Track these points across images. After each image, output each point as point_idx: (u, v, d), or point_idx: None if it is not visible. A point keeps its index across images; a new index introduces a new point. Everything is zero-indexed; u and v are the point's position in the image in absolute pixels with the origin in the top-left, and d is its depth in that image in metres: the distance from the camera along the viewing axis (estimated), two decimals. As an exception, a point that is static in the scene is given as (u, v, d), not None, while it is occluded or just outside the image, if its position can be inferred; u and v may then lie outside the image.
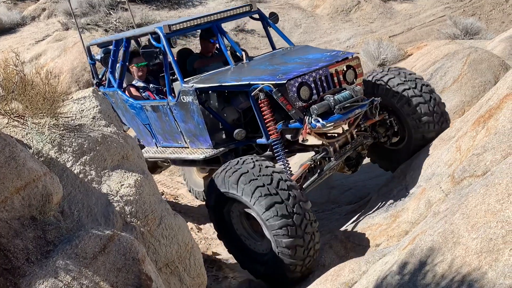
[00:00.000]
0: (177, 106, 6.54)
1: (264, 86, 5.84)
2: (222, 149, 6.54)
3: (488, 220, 3.41)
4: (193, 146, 6.80)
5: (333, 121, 5.74)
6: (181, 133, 6.83)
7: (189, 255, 4.81)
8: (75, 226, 3.79)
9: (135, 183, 4.47)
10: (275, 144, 6.00)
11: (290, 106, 5.78)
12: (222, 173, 5.65)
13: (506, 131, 4.91)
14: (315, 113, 5.70)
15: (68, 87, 13.17)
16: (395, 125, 6.61)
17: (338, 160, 6.15)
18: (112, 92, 7.52)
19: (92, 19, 15.28)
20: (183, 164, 7.61)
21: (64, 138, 4.27)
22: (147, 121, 7.21)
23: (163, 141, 7.25)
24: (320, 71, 6.01)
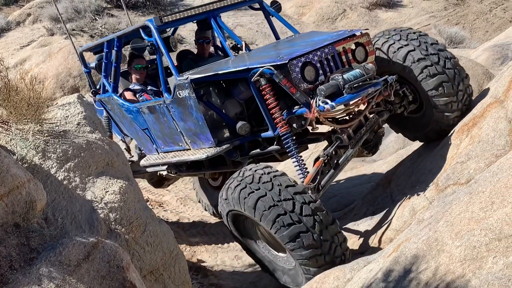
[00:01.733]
0: (173, 103, 5.99)
1: (264, 70, 5.27)
2: (225, 146, 5.93)
3: (471, 228, 3.43)
4: (194, 147, 6.26)
5: (343, 101, 5.18)
6: (181, 134, 6.29)
7: (174, 263, 4.80)
8: (59, 233, 3.76)
9: (119, 190, 4.45)
10: (285, 137, 5.42)
11: (294, 89, 5.21)
12: (236, 189, 5.11)
13: (489, 140, 4.95)
14: (322, 95, 5.11)
15: (53, 92, 13.11)
16: (409, 94, 5.87)
17: (354, 147, 5.51)
18: (107, 98, 7.07)
19: (78, 24, 15.23)
20: (189, 171, 7.05)
21: (48, 144, 4.25)
22: (145, 125, 6.72)
23: (163, 145, 6.74)
24: (325, 49, 5.39)
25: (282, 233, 4.80)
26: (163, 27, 6.23)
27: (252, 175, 5.05)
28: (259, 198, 4.88)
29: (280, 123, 5.39)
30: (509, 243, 3.15)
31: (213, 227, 8.39)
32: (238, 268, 6.98)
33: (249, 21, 16.88)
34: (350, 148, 5.47)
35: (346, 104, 5.32)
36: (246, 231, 5.55)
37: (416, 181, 5.79)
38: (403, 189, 5.96)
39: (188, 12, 6.31)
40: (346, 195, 7.84)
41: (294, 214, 4.78)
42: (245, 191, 4.97)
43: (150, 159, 6.96)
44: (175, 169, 6.97)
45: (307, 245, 4.78)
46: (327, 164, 5.43)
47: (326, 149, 5.51)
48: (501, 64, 11.10)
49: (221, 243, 7.82)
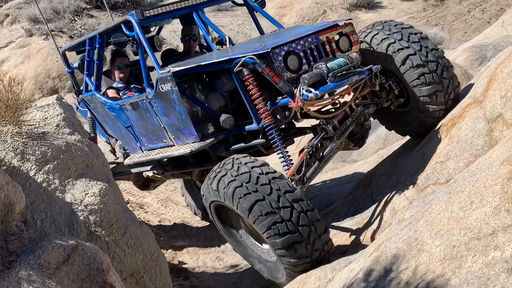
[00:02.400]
0: (156, 97, 5.88)
1: (246, 59, 5.19)
2: (209, 141, 5.78)
3: (451, 227, 3.46)
4: (178, 142, 6.12)
5: (327, 90, 5.10)
6: (164, 130, 6.16)
7: (154, 265, 4.78)
8: (38, 236, 3.72)
9: (99, 191, 4.42)
10: (269, 128, 5.33)
11: (278, 78, 5.13)
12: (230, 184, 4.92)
13: (468, 140, 5.00)
14: (306, 83, 5.04)
15: (32, 94, 12.99)
16: (395, 88, 5.82)
17: (340, 138, 5.45)
18: (90, 96, 6.95)
19: (57, 25, 15.11)
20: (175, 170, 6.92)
21: (27, 146, 4.21)
22: (128, 122, 6.60)
23: (147, 143, 6.60)
24: (309, 38, 5.34)
25: (275, 240, 4.71)
26: (145, 22, 6.11)
27: (249, 173, 4.86)
28: (257, 201, 4.72)
29: (264, 114, 5.32)
30: (488, 242, 3.17)
31: (194, 229, 8.37)
32: (220, 270, 6.97)
33: (229, 22, 16.86)
34: (335, 139, 5.40)
35: (331, 93, 5.23)
36: (228, 220, 5.43)
37: (396, 181, 5.83)
38: (384, 189, 5.98)
39: (171, 6, 6.20)
40: (327, 196, 7.86)
41: (291, 223, 4.69)
42: (241, 191, 4.79)
43: (134, 158, 6.85)
44: (160, 169, 6.89)
45: (298, 254, 4.75)
46: (312, 156, 5.36)
47: (311, 140, 5.42)
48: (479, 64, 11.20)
49: (203, 244, 7.80)
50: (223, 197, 4.90)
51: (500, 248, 3.08)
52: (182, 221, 8.61)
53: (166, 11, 6.15)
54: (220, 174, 4.95)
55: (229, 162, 5.02)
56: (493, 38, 11.69)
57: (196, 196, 8.28)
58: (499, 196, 3.37)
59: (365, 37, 5.87)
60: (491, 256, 3.10)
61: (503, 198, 3.33)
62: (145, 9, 6.04)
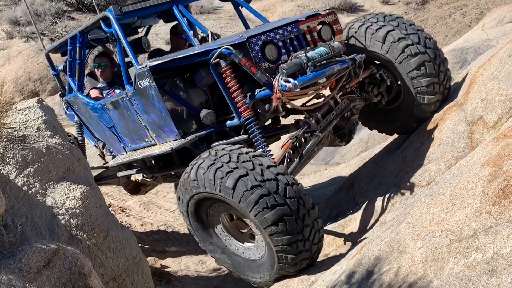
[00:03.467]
0: (136, 95, 5.67)
1: (222, 50, 5.00)
2: (190, 138, 5.52)
3: (433, 229, 3.47)
4: (160, 141, 5.89)
5: (306, 80, 4.86)
6: (146, 128, 5.95)
7: (136, 268, 4.75)
8: (18, 240, 3.69)
9: (81, 195, 4.39)
10: (248, 122, 5.12)
11: (255, 69, 4.92)
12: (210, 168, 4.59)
13: (449, 142, 5.03)
14: (284, 73, 4.83)
15: (12, 97, 12.87)
16: (387, 78, 5.62)
17: (323, 132, 5.23)
18: (73, 97, 6.77)
19: (38, 27, 14.99)
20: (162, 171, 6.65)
21: (7, 150, 4.17)
22: (111, 122, 6.41)
23: (130, 143, 6.38)
24: (288, 28, 5.17)
25: (264, 215, 4.35)
26: (124, 18, 5.95)
27: (228, 154, 4.61)
28: (240, 177, 4.41)
29: (243, 107, 5.12)
30: (469, 244, 3.19)
31: (177, 233, 8.34)
32: (202, 273, 6.95)
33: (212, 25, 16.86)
34: (318, 133, 5.19)
35: (313, 83, 4.98)
36: (207, 219, 5.08)
37: (378, 183, 5.85)
38: (366, 192, 6.01)
39: (150, 2, 6.04)
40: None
41: (278, 195, 4.36)
42: (222, 170, 4.49)
43: (118, 159, 6.67)
44: (147, 171, 6.75)
45: (290, 229, 4.37)
46: (295, 151, 5.18)
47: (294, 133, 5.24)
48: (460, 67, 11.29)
49: (185, 247, 7.77)
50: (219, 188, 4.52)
51: (481, 249, 3.10)
52: (165, 224, 8.57)
53: (145, 7, 6.02)
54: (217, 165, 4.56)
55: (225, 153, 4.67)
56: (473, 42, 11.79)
57: None
58: (480, 198, 3.40)
59: (359, 27, 5.68)
60: (472, 258, 3.12)
61: (484, 200, 3.36)
62: (124, 4, 5.93)
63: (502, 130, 4.28)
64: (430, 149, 5.18)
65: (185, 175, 4.79)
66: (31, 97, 11.82)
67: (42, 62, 13.82)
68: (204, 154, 4.77)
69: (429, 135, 5.40)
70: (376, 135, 7.87)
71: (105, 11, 5.95)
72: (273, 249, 4.52)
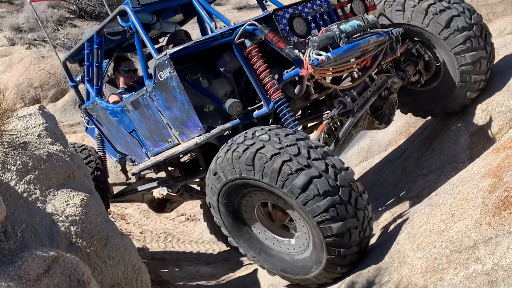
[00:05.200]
0: (156, 89, 5.29)
1: (246, 27, 4.62)
2: (215, 131, 5.06)
3: (433, 240, 3.47)
4: (183, 138, 5.43)
5: (341, 52, 4.45)
6: (168, 126, 5.52)
7: (136, 276, 4.74)
8: (18, 247, 3.68)
9: (81, 202, 4.38)
10: (279, 104, 4.69)
11: (283, 44, 4.54)
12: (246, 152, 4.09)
13: (450, 153, 5.04)
14: (316, 46, 4.41)
15: (13, 103, 12.90)
16: (424, 53, 5.17)
17: (360, 111, 4.79)
18: (92, 104, 6.37)
19: (40, 34, 15.04)
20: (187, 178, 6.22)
21: (8, 156, 4.17)
22: (131, 126, 6.00)
23: (152, 146, 5.94)
24: (317, 1, 4.82)
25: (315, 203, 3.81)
26: (142, 10, 5.64)
27: (268, 135, 4.08)
28: (284, 162, 3.89)
29: (272, 88, 4.68)
30: (469, 254, 3.19)
31: (176, 240, 8.33)
32: (202, 281, 6.94)
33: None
34: (355, 113, 4.76)
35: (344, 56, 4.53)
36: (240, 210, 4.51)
37: (378, 193, 5.85)
38: (366, 201, 6.00)
39: None
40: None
41: (330, 180, 3.84)
42: (265, 153, 3.96)
43: (140, 165, 6.25)
44: (172, 180, 6.32)
45: (341, 216, 3.83)
46: (330, 135, 4.76)
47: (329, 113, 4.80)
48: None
49: (185, 256, 7.77)
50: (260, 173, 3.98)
51: (481, 260, 3.10)
52: (164, 232, 8.57)
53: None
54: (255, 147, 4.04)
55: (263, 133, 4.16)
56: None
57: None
58: (480, 209, 3.40)
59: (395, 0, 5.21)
60: (472, 269, 3.11)
61: (484, 211, 3.36)
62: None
63: (503, 141, 4.28)
64: (431, 159, 5.18)
65: (218, 160, 4.29)
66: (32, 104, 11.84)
67: (44, 69, 13.85)
68: (237, 138, 4.25)
69: (429, 145, 5.41)
70: (377, 144, 7.87)
71: (121, 5, 5.67)
72: (322, 242, 3.94)
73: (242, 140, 4.15)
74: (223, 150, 4.25)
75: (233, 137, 4.31)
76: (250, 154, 4.01)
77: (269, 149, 3.95)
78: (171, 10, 6.28)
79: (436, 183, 4.87)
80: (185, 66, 5.22)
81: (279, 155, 3.90)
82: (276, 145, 3.96)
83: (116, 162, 6.98)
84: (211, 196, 4.47)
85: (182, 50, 5.00)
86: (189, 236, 8.47)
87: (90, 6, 16.90)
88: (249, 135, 4.16)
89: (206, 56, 5.20)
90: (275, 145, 3.96)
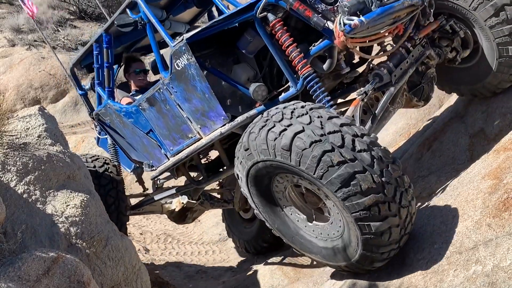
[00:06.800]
0: (173, 80, 4.92)
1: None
2: (240, 119, 4.70)
3: (433, 241, 3.47)
4: (206, 131, 5.03)
5: (374, 16, 4.03)
6: (188, 120, 5.12)
7: (136, 277, 4.73)
8: (18, 248, 3.68)
9: (81, 203, 4.38)
10: (309, 79, 4.28)
11: (310, 12, 4.18)
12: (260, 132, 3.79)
13: (450, 154, 5.04)
14: (346, 12, 4.00)
15: (13, 104, 12.91)
16: (459, 30, 4.74)
17: (398, 83, 4.37)
18: (104, 108, 5.96)
19: (40, 36, 15.04)
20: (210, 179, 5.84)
21: (8, 157, 4.17)
22: (148, 126, 5.61)
23: (172, 145, 5.51)
24: None
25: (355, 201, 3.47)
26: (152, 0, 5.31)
27: (309, 117, 3.70)
28: (325, 152, 3.50)
29: (300, 63, 4.29)
30: (469, 256, 3.19)
31: (176, 242, 8.33)
32: (202, 282, 6.94)
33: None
34: (393, 85, 4.35)
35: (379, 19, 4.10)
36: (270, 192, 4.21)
37: (378, 194, 5.84)
38: (366, 203, 6.00)
39: None
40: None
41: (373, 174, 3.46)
42: (304, 138, 3.58)
43: (160, 167, 5.81)
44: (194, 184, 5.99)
45: (383, 215, 3.48)
46: (367, 112, 4.37)
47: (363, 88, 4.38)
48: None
49: (184, 257, 7.77)
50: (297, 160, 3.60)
51: (481, 262, 3.10)
52: (164, 233, 8.57)
53: None
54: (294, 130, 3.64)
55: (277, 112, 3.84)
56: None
57: (240, 227, 7.46)
58: (480, 210, 3.40)
59: None
60: (472, 270, 3.12)
61: (484, 212, 3.36)
62: None
63: (503, 142, 4.29)
64: (431, 160, 5.18)
65: (250, 135, 3.92)
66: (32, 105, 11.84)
67: (44, 70, 13.86)
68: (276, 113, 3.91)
69: (429, 146, 5.40)
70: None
71: None
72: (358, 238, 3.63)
73: (279, 119, 3.76)
74: (257, 125, 3.87)
75: (269, 111, 3.94)
76: (287, 138, 3.61)
77: (309, 135, 3.55)
78: (182, 5, 5.89)
79: (436, 185, 4.87)
80: (203, 52, 4.88)
81: (320, 143, 3.51)
82: (317, 130, 3.57)
83: (131, 173, 6.72)
84: (240, 170, 4.13)
85: (200, 33, 4.65)
86: (189, 237, 8.46)
87: (90, 7, 16.91)
88: (287, 114, 3.77)
89: (224, 39, 4.88)
90: (316, 131, 3.56)
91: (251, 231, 7.19)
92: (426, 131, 5.79)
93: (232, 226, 7.58)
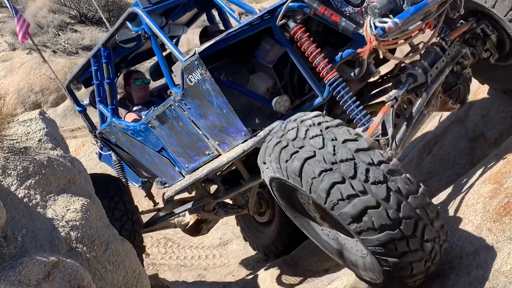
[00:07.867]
0: (186, 96, 4.59)
1: (289, 5, 3.97)
2: (263, 134, 4.29)
3: (434, 246, 3.47)
4: (225, 148, 4.73)
5: (408, 15, 3.68)
6: (204, 137, 4.80)
7: (136, 282, 4.73)
8: (18, 252, 3.68)
9: (81, 207, 4.38)
10: (334, 85, 3.98)
11: (337, 17, 3.91)
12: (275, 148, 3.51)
13: (450, 158, 5.04)
14: (377, 13, 3.70)
15: (14, 108, 12.91)
16: (491, 33, 4.40)
17: (434, 84, 4.00)
18: (109, 126, 5.65)
19: (40, 40, 15.05)
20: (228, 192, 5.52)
21: (8, 161, 4.17)
22: (159, 144, 5.28)
23: (187, 163, 5.18)
24: None
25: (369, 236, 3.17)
26: (153, 10, 4.98)
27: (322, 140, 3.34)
28: (335, 184, 3.19)
29: (325, 68, 3.98)
30: (470, 260, 3.19)
31: (176, 246, 8.32)
32: (202, 287, 6.93)
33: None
34: (430, 85, 3.97)
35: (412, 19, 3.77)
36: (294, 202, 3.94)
37: (379, 199, 5.84)
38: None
39: None
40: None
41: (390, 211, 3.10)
42: (314, 166, 3.27)
43: (175, 187, 5.47)
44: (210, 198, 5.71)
45: (401, 252, 3.17)
46: (400, 115, 3.98)
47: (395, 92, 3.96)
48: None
49: (185, 261, 7.76)
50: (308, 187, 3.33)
51: (482, 266, 3.10)
52: (164, 237, 8.56)
53: None
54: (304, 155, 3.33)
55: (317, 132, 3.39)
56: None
57: (256, 231, 7.25)
58: (480, 214, 3.40)
59: None
60: (473, 275, 3.11)
61: (484, 216, 3.36)
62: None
63: (503, 146, 4.28)
64: (431, 164, 5.19)
65: (267, 149, 3.65)
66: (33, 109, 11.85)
67: (44, 74, 13.87)
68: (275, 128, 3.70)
69: (429, 151, 5.41)
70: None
71: (129, 8, 5.06)
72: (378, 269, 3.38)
73: (293, 137, 3.44)
74: (272, 140, 3.58)
75: (286, 122, 3.60)
76: (297, 163, 3.33)
77: (319, 162, 3.25)
78: (182, 9, 5.62)
79: (437, 189, 4.87)
80: (215, 65, 4.57)
81: (330, 173, 3.20)
82: (329, 157, 3.24)
83: (139, 188, 6.49)
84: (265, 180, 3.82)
85: (214, 46, 4.30)
86: (189, 242, 8.45)
87: (91, 12, 16.92)
88: (302, 131, 3.43)
89: (236, 48, 4.54)
90: (327, 157, 3.24)
91: (268, 235, 6.96)
92: (426, 135, 5.79)
93: (248, 231, 7.37)
